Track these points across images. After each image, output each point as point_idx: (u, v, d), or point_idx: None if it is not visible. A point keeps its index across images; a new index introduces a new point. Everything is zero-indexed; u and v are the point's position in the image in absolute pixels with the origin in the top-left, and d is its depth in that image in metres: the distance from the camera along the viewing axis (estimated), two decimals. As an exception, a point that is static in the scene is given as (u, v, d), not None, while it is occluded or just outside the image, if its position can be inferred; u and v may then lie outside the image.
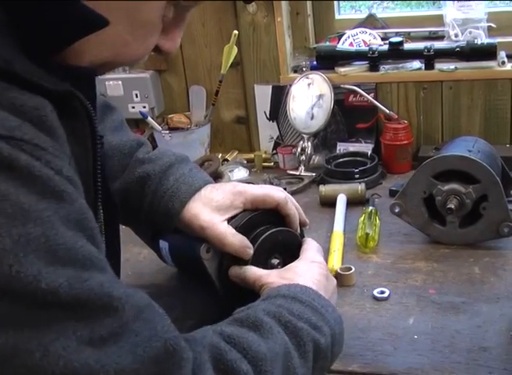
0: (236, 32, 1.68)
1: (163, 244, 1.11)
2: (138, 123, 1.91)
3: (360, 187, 1.47)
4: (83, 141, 0.70)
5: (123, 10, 0.65)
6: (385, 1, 2.00)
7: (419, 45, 1.67)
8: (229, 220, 0.99)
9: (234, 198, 1.00)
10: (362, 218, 1.32)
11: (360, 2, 1.99)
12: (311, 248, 0.99)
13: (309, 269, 0.92)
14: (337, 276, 1.14)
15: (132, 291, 0.61)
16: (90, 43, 0.65)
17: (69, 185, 0.59)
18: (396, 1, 2.01)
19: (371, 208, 1.36)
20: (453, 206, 1.20)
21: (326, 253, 1.23)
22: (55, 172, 0.58)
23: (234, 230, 0.97)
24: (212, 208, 0.99)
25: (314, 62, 1.75)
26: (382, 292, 1.10)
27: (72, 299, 0.55)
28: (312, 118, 1.69)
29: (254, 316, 0.76)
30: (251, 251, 0.96)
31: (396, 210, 1.26)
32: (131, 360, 0.56)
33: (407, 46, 1.68)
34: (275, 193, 1.02)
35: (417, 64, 1.68)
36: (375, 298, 1.09)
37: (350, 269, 1.15)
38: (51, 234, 0.55)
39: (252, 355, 0.69)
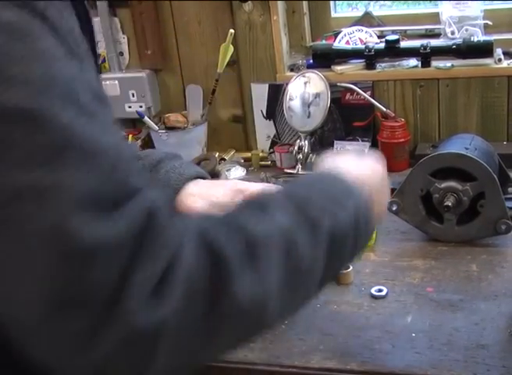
0: (232, 31, 1.68)
1: None
2: (135, 123, 1.91)
3: (357, 185, 1.46)
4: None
5: None
6: (382, 0, 2.00)
7: (415, 43, 1.67)
8: None
9: (234, 195, 1.00)
10: (359, 216, 1.32)
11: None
12: None
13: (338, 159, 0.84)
14: (335, 274, 1.14)
15: (136, 167, 0.59)
16: None
17: (88, 57, 0.60)
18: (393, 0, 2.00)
19: (368, 206, 1.36)
20: (450, 204, 1.20)
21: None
22: (78, 42, 0.58)
23: None
24: (211, 204, 0.99)
25: (311, 61, 1.75)
26: (380, 290, 1.10)
27: (87, 147, 0.53)
28: (309, 116, 1.68)
29: (260, 198, 0.69)
30: None
31: (394, 208, 1.26)
32: (117, 231, 0.53)
33: (404, 44, 1.68)
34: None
35: (413, 62, 1.68)
36: (373, 297, 1.09)
37: (348, 267, 1.15)
38: (76, 83, 0.55)
39: (245, 234, 0.60)
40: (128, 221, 0.53)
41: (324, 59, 1.73)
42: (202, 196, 1.00)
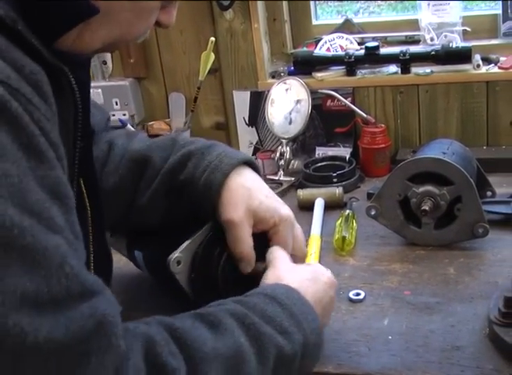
0: (212, 39, 1.69)
1: (137, 254, 1.12)
2: (118, 131, 1.92)
3: (337, 190, 1.48)
4: (66, 121, 0.72)
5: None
6: (372, 6, 2.01)
7: (395, 50, 1.69)
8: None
9: (273, 214, 0.97)
10: (339, 221, 1.33)
11: (347, 7, 2.00)
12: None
13: (301, 272, 0.92)
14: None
15: (87, 273, 0.60)
16: (103, 25, 0.72)
17: (51, 151, 0.60)
18: (381, 5, 2.01)
19: (348, 211, 1.37)
20: (427, 208, 1.21)
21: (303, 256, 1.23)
22: (42, 133, 0.59)
23: (252, 243, 0.96)
24: (252, 202, 0.96)
25: (292, 68, 1.76)
26: (358, 294, 1.10)
27: (31, 246, 0.54)
28: (290, 123, 1.70)
29: (214, 314, 0.74)
30: (250, 269, 0.96)
31: (372, 213, 1.27)
32: (63, 334, 0.55)
33: (383, 51, 1.69)
34: (299, 248, 1.03)
35: (393, 68, 1.69)
36: (351, 300, 1.10)
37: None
38: (25, 181, 0.55)
39: (192, 352, 0.67)
40: (74, 324, 0.56)
41: (305, 66, 1.74)
42: (250, 191, 0.98)
